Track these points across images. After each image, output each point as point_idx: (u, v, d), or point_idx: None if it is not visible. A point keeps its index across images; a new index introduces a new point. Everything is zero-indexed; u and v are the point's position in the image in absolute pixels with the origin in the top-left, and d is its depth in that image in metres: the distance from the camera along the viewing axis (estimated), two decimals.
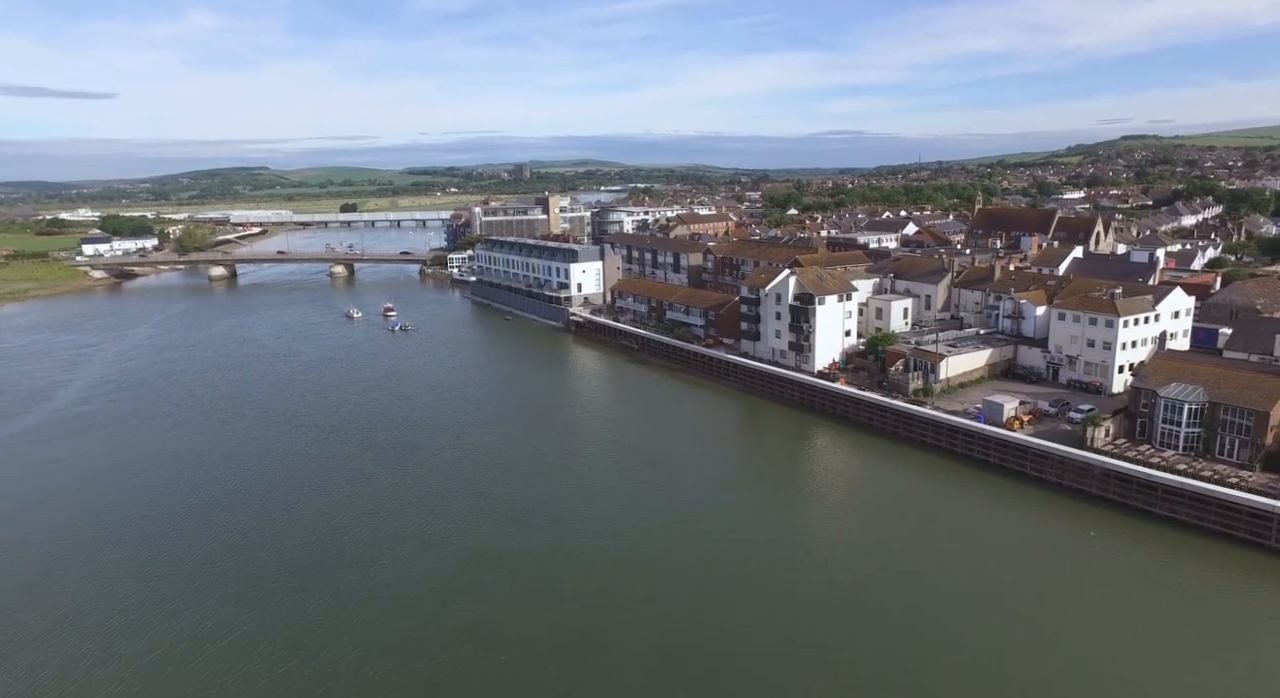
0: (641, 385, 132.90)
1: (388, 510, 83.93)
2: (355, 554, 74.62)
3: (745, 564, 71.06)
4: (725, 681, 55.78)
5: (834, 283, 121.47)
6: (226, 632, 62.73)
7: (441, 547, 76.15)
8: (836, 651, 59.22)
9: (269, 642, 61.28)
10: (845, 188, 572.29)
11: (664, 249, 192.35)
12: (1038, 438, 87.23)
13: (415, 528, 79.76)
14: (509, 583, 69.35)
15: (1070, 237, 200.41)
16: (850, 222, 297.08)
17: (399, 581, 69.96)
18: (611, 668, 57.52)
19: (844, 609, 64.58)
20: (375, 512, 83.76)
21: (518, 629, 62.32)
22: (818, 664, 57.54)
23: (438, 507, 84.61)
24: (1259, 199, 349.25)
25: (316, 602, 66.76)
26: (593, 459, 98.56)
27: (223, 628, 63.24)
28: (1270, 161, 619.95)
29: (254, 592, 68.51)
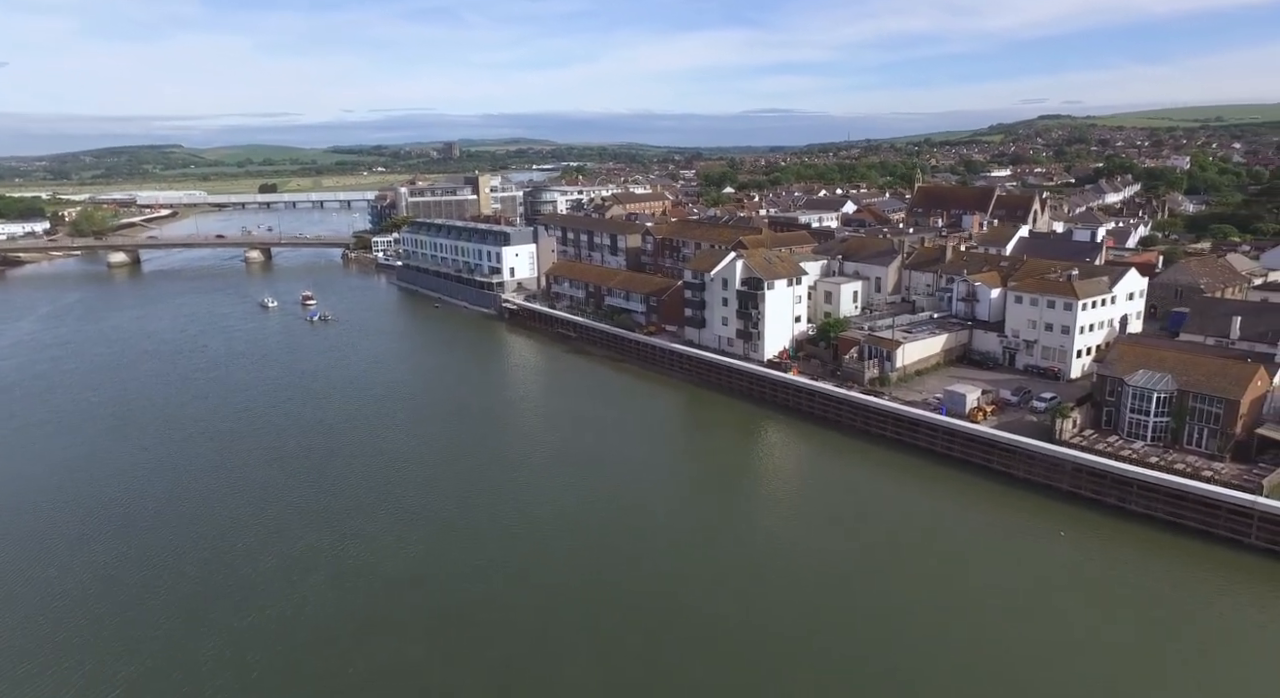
0: (581, 377, 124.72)
1: (297, 531, 74.11)
2: (258, 586, 64.87)
3: (698, 581, 64.20)
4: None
5: (783, 266, 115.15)
6: (97, 692, 52.81)
7: (358, 573, 66.99)
8: (796, 669, 53.34)
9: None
10: (779, 166, 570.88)
11: (600, 230, 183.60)
12: (1004, 431, 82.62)
13: (329, 551, 70.31)
14: (435, 614, 60.91)
15: (1009, 215, 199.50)
16: (789, 200, 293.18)
17: (309, 615, 60.78)
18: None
19: (804, 620, 58.91)
20: (283, 532, 73.89)
21: (443, 674, 54.15)
22: (772, 688, 51.62)
23: (355, 525, 75.18)
24: (1173, 177, 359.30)
25: (209, 646, 57.22)
26: (530, 463, 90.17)
27: (93, 688, 53.26)
28: (1174, 142, 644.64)
29: (135, 637, 58.44)
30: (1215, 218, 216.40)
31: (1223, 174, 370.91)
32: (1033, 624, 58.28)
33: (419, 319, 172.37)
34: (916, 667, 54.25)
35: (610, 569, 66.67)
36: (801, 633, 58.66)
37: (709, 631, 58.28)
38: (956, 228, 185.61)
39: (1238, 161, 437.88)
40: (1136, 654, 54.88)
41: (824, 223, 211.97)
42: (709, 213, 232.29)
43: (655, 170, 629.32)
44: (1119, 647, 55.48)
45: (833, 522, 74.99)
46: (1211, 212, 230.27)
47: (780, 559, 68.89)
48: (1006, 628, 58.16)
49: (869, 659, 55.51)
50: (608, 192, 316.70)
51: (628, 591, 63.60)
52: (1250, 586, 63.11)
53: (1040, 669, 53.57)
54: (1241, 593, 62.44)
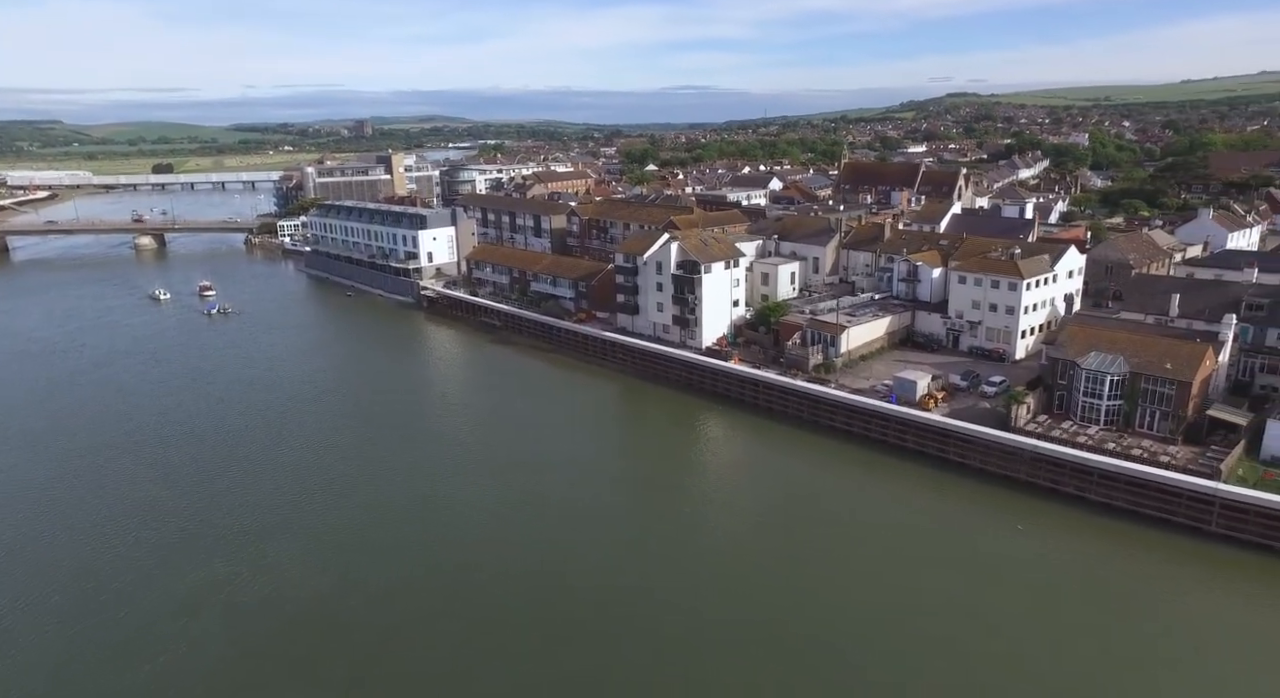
0: (507, 370, 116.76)
1: (187, 562, 64.65)
2: (135, 635, 55.70)
3: (641, 590, 58.36)
4: None
5: (719, 248, 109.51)
6: None
7: (260, 609, 58.44)
8: (744, 670, 48.71)
9: None
10: (700, 143, 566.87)
11: (523, 211, 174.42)
12: (958, 418, 79.32)
13: (224, 584, 61.37)
14: (350, 652, 53.19)
15: (935, 191, 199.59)
16: (714, 178, 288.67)
17: (200, 666, 52.19)
18: None
19: (752, 622, 54.19)
20: (169, 565, 64.31)
21: None
22: None
23: (257, 550, 66.26)
24: (1078, 153, 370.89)
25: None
26: (453, 467, 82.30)
27: None
28: (1071, 119, 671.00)
29: None
30: (1125, 193, 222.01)
31: (1120, 150, 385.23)
32: (991, 623, 55.25)
33: (330, 309, 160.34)
34: (871, 668, 51.20)
35: (547, 588, 59.99)
36: (750, 637, 54.38)
37: (650, 645, 52.55)
38: (885, 204, 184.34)
39: (1130, 139, 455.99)
40: (1096, 648, 51.80)
41: (752, 200, 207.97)
42: (634, 191, 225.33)
43: (575, 148, 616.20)
44: (1079, 642, 52.43)
45: (779, 519, 70.24)
46: (1121, 187, 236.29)
47: (725, 560, 64.00)
48: (963, 627, 54.88)
49: (820, 662, 51.76)
50: (528, 170, 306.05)
51: (565, 612, 57.13)
52: (1213, 575, 61.24)
53: (997, 666, 51.11)
54: (1204, 583, 60.48)
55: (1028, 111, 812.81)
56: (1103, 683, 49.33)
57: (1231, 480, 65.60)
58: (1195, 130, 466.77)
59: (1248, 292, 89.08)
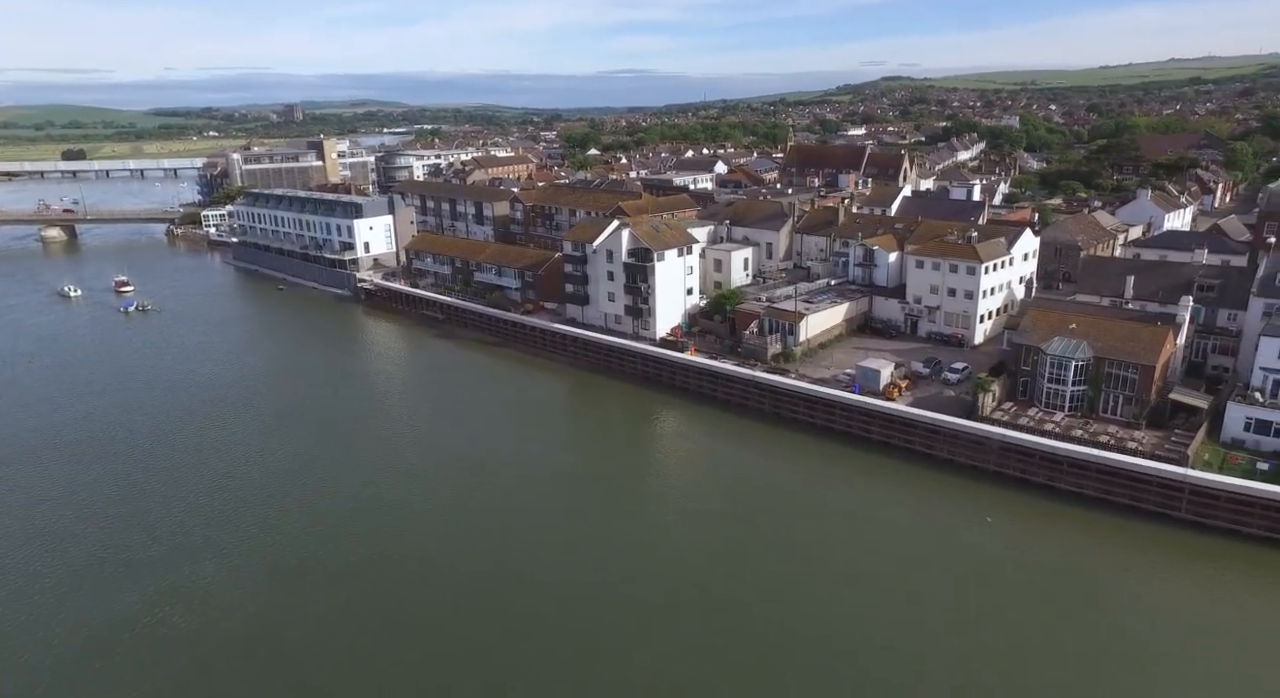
0: (452, 365, 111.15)
1: (93, 594, 58.23)
2: (23, 687, 49.59)
3: (598, 601, 54.66)
4: None
5: (672, 235, 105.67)
6: None
7: (178, 648, 52.66)
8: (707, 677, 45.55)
9: None
10: (641, 126, 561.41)
11: (464, 198, 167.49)
12: (923, 407, 77.38)
13: (138, 620, 55.22)
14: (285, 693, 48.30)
15: (880, 173, 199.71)
16: (658, 161, 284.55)
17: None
18: None
19: (715, 627, 51.91)
20: (68, 601, 57.62)
21: None
22: None
23: (176, 577, 60.09)
24: (1013, 135, 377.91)
25: None
26: (394, 472, 76.80)
27: None
28: (1001, 103, 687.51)
29: None
30: (1062, 175, 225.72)
31: (1051, 133, 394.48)
32: (963, 618, 53.63)
33: (261, 304, 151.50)
34: (841, 665, 49.70)
35: (502, 595, 55.74)
36: (713, 635, 52.00)
37: (609, 643, 48.95)
38: (833, 187, 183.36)
39: (1058, 122, 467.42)
40: (1074, 643, 50.25)
41: (699, 185, 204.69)
42: (578, 176, 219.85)
43: (515, 133, 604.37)
44: (1055, 637, 51.19)
45: (741, 515, 67.35)
46: (1058, 169, 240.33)
47: (684, 559, 61.10)
48: (932, 623, 53.29)
49: (788, 661, 49.35)
50: (468, 155, 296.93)
51: (524, 615, 53.02)
52: (1186, 562, 60.40)
53: (973, 662, 49.67)
54: (1180, 570, 59.63)
55: (960, 95, 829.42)
56: (1083, 678, 47.63)
57: (1198, 465, 65.02)
58: (1116, 114, 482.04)
59: (1198, 273, 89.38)
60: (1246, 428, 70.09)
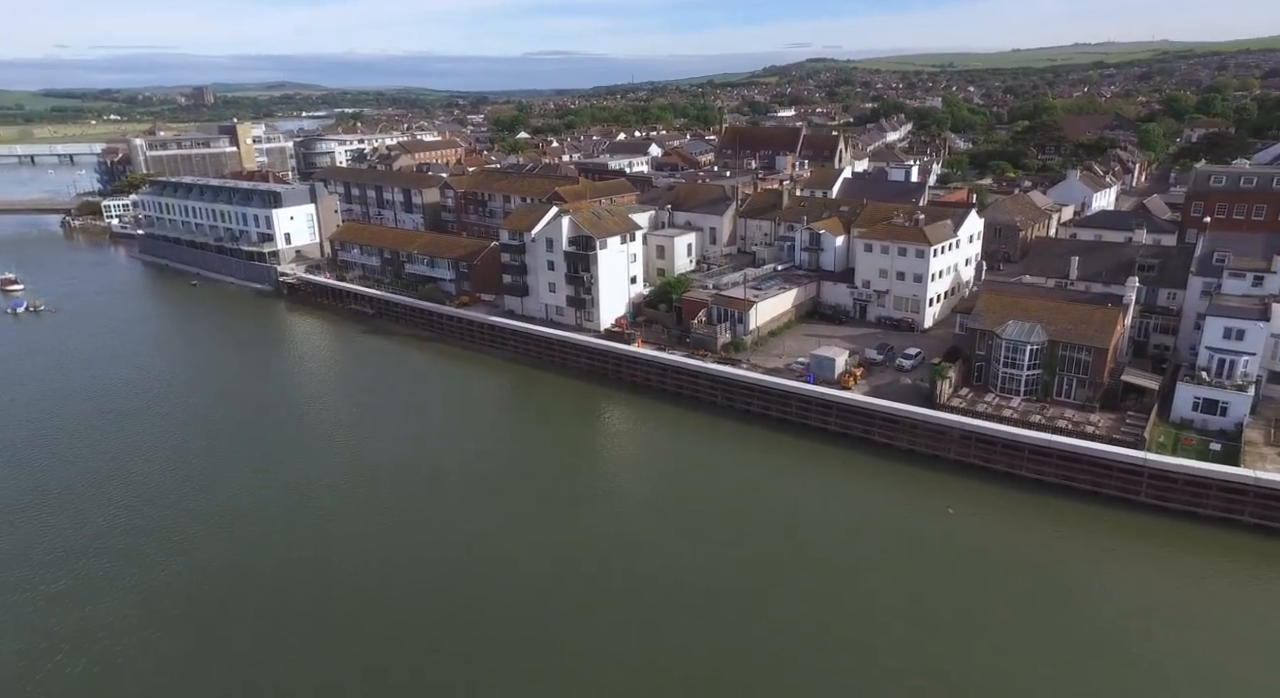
0: (384, 363, 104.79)
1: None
2: None
3: (547, 605, 50.90)
4: None
5: (613, 222, 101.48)
6: None
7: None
8: None
9: None
10: (571, 109, 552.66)
11: (391, 185, 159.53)
12: (880, 396, 75.53)
13: (26, 674, 48.86)
14: None
15: (816, 154, 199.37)
16: (590, 145, 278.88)
17: None
18: None
19: (669, 633, 48.54)
20: None
21: None
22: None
23: (68, 625, 53.26)
24: (939, 116, 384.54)
25: None
26: (325, 482, 71.04)
27: None
28: (923, 84, 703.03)
29: None
30: (990, 155, 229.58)
31: (974, 114, 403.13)
32: (929, 613, 52.14)
33: (171, 302, 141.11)
34: (805, 664, 47.76)
35: (447, 612, 51.35)
36: (669, 650, 48.97)
37: (558, 651, 45.45)
38: (770, 169, 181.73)
39: (978, 103, 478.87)
40: (1038, 634, 49.08)
41: (635, 168, 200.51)
42: (509, 160, 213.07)
43: (440, 116, 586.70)
44: (1019, 628, 50.21)
45: (695, 514, 64.27)
46: (986, 149, 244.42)
47: (637, 560, 57.61)
48: (899, 619, 51.65)
49: (750, 665, 47.43)
50: (393, 140, 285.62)
51: (471, 633, 48.84)
52: (1148, 545, 59.97)
53: (939, 657, 48.19)
54: (1146, 556, 59.09)
55: (883, 77, 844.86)
56: (1054, 669, 46.24)
57: (1153, 448, 64.80)
58: (1031, 95, 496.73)
59: (1138, 253, 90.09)
60: (1195, 408, 70.38)
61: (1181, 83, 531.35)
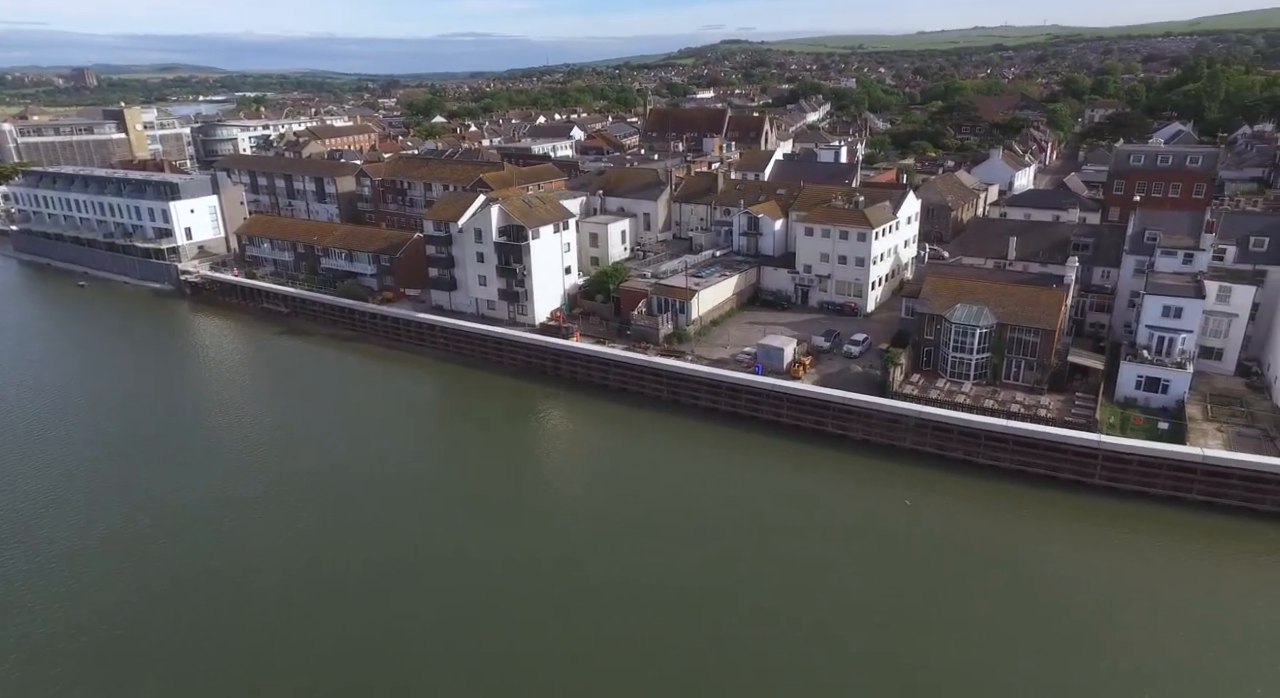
0: (302, 366, 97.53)
1: None
2: None
3: (478, 618, 46.96)
4: None
5: (545, 209, 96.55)
6: None
7: None
8: None
9: None
10: (487, 92, 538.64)
11: (302, 173, 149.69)
12: (830, 385, 73.55)
13: None
14: None
15: (742, 136, 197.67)
16: (509, 129, 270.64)
17: None
18: None
19: (618, 638, 45.34)
20: None
21: None
22: None
23: None
24: (856, 97, 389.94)
25: None
26: (239, 499, 64.57)
27: None
28: (836, 65, 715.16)
29: None
30: (911, 135, 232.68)
31: (888, 94, 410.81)
32: (892, 606, 50.68)
33: (55, 305, 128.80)
34: (765, 669, 45.40)
35: (374, 654, 46.67)
36: (640, 650, 46.54)
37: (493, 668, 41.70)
38: (698, 151, 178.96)
39: (890, 84, 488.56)
40: (1004, 622, 48.00)
41: (559, 152, 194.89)
42: (427, 146, 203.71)
43: (350, 100, 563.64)
44: (984, 617, 49.26)
45: (645, 515, 61.13)
46: (906, 129, 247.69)
47: (583, 568, 54.64)
48: (861, 615, 50.26)
49: (702, 667, 45.28)
50: (300, 125, 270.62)
51: (399, 655, 44.44)
52: (1104, 528, 59.61)
53: (902, 653, 46.97)
54: (1096, 537, 58.65)
55: (797, 58, 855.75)
56: (1019, 657, 45.00)
57: (1105, 429, 64.70)
58: (938, 77, 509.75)
59: (1074, 232, 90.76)
60: (1138, 386, 70.84)
61: (1074, 65, 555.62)
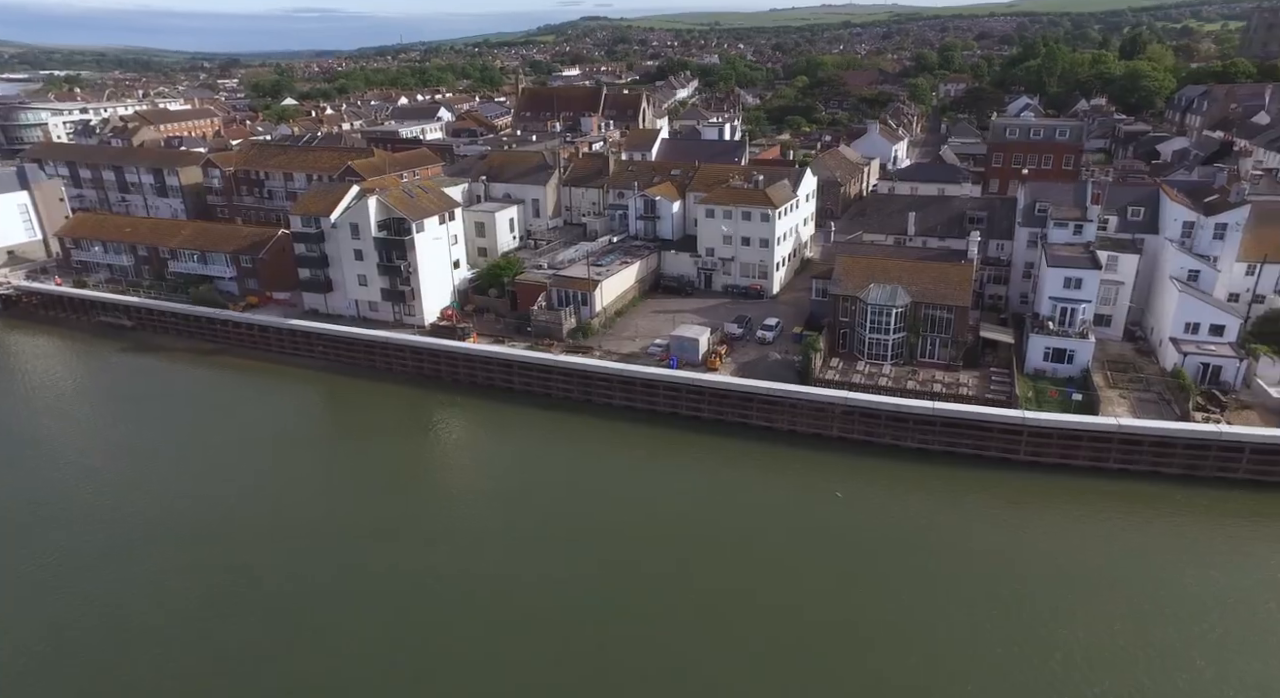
0: (155, 387, 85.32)
1: None
2: None
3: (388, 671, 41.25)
4: None
5: (429, 200, 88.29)
6: None
7: None
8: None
9: None
10: (340, 71, 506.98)
11: (135, 164, 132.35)
12: (749, 375, 70.44)
13: None
14: None
15: (620, 114, 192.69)
16: (370, 111, 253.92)
17: None
18: None
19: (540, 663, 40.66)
20: None
21: None
22: None
23: None
24: (724, 72, 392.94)
25: None
26: (80, 553, 54.63)
27: None
28: (696, 42, 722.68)
29: None
30: (784, 111, 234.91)
31: (753, 70, 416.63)
32: (834, 604, 48.60)
33: None
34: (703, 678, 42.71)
35: None
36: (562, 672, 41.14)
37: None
38: (576, 131, 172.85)
39: (751, 59, 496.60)
40: (950, 609, 46.62)
41: (429, 135, 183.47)
42: (282, 131, 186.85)
43: (184, 81, 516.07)
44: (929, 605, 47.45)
45: (565, 527, 56.51)
46: (779, 105, 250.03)
47: (506, 593, 49.32)
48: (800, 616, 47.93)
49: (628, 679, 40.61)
50: (128, 109, 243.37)
51: None
52: (1033, 502, 59.65)
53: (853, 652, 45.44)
54: (1025, 512, 58.59)
55: (658, 35, 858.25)
56: (972, 644, 43.60)
57: (1024, 404, 64.90)
58: (796, 53, 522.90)
59: (968, 206, 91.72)
60: (1046, 358, 71.80)
61: (917, 42, 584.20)
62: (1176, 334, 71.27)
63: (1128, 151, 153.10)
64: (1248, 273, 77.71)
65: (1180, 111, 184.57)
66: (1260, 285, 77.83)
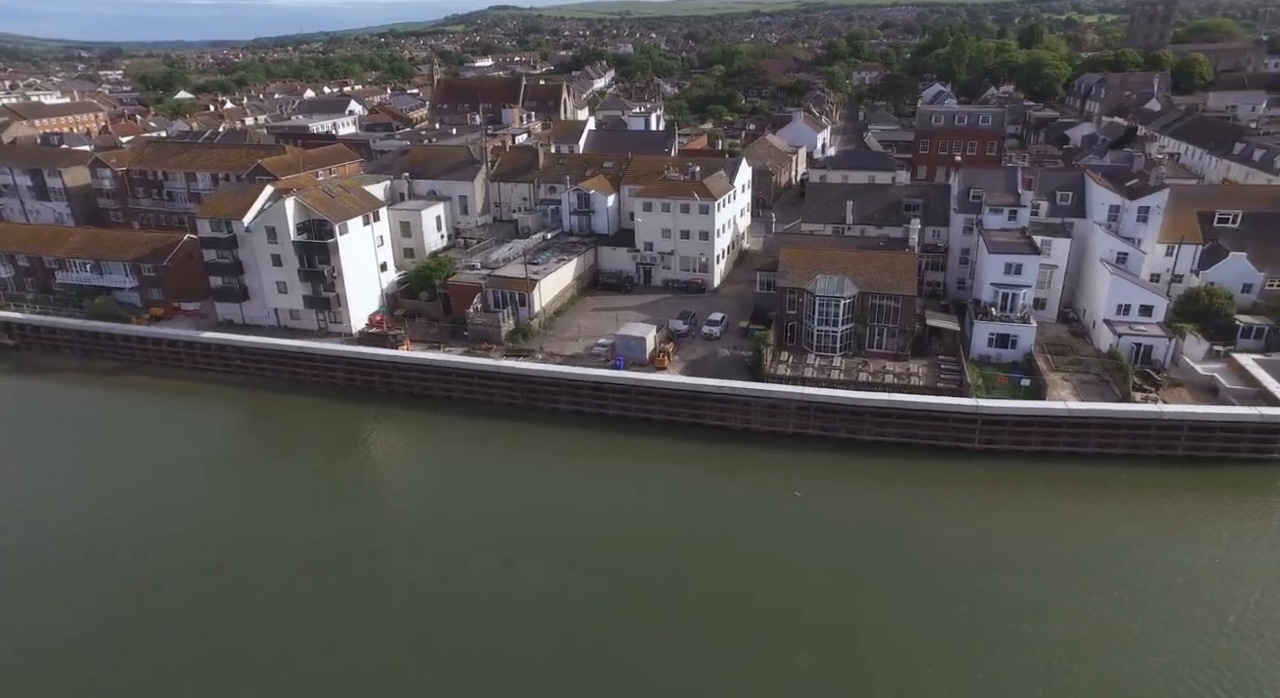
0: (44, 413, 77.13)
1: None
2: None
3: None
4: None
5: (351, 199, 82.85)
6: None
7: None
8: None
9: None
10: (237, 63, 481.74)
11: (9, 164, 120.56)
12: (699, 373, 68.52)
13: None
14: None
15: (541, 105, 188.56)
16: (274, 104, 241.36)
17: None
18: None
19: None
20: None
21: None
22: None
23: None
24: (639, 62, 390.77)
25: None
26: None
27: None
28: (609, 31, 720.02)
29: None
30: (704, 100, 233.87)
31: (669, 59, 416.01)
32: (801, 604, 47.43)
33: None
34: None
35: None
36: None
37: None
38: (497, 123, 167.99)
39: (665, 49, 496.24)
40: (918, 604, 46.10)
41: (341, 130, 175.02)
42: (178, 127, 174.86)
43: (59, 72, 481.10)
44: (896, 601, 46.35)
45: (511, 541, 53.67)
46: (698, 93, 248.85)
47: (449, 621, 45.61)
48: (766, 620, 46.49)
49: None
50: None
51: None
52: (996, 491, 59.73)
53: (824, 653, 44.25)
54: (985, 499, 58.54)
55: (569, 24, 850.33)
56: (944, 637, 43.02)
57: (975, 392, 65.00)
58: (708, 41, 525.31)
59: (904, 193, 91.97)
60: (990, 343, 72.30)
61: (825, 31, 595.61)
62: (1110, 316, 72.84)
63: (1039, 137, 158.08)
64: (1167, 254, 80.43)
65: (1080, 98, 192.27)
66: (1178, 266, 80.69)
